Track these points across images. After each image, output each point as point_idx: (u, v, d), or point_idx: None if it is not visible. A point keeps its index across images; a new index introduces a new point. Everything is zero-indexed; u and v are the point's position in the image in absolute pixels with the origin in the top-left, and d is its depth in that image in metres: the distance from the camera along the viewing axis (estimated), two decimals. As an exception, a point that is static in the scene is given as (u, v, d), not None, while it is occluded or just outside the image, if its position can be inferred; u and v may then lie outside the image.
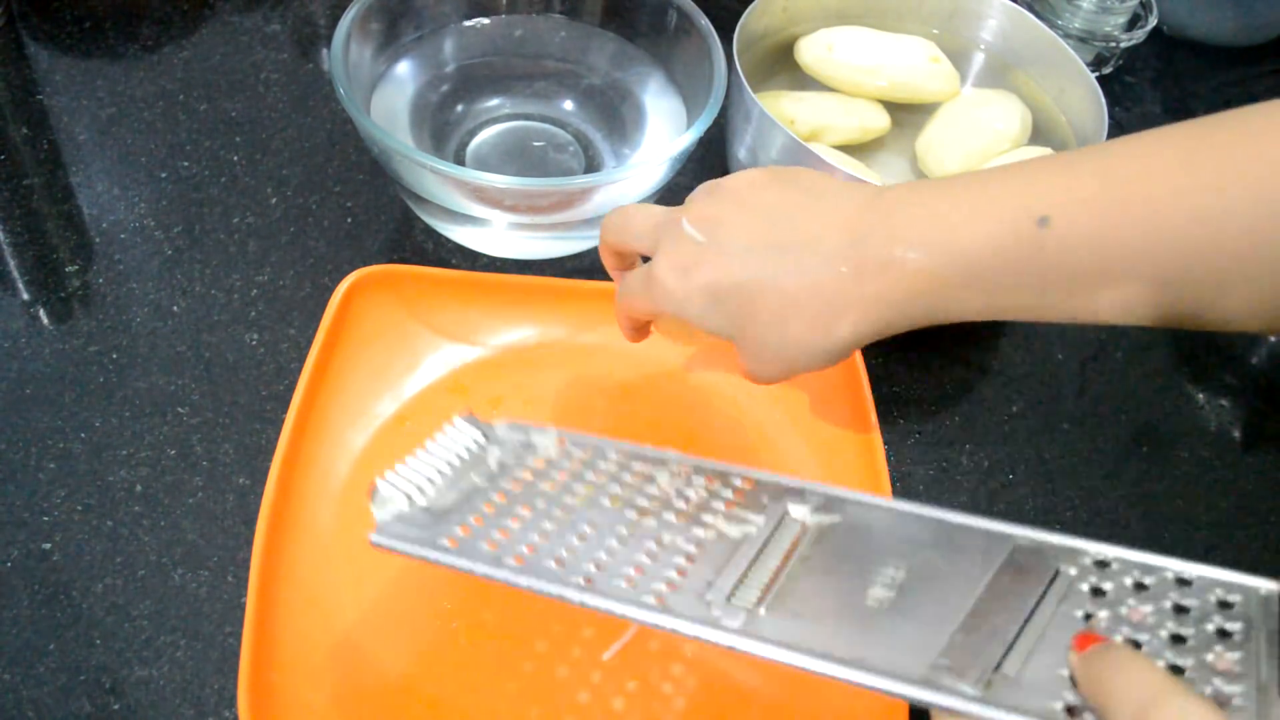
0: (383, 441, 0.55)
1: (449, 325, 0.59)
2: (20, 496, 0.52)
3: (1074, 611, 0.35)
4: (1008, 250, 0.40)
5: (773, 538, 0.40)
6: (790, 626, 0.36)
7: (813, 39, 0.68)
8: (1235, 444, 0.62)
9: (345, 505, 0.52)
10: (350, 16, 0.60)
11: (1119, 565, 0.36)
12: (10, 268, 0.62)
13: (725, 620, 0.36)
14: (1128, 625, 0.34)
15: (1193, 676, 0.32)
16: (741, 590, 0.38)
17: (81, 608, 0.49)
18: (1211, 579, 0.35)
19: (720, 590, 0.38)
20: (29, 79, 0.71)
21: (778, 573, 0.38)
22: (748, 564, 0.39)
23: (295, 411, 0.52)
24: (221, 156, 0.68)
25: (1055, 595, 0.35)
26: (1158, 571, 0.35)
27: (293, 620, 0.48)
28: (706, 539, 0.40)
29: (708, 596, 0.37)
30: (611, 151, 0.67)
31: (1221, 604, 0.34)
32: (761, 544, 0.40)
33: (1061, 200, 0.39)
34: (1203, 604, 0.34)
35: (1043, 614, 0.35)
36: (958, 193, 0.42)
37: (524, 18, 0.69)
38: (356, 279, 0.57)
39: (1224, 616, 0.34)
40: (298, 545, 0.50)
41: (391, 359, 0.57)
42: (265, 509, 0.49)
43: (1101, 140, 0.61)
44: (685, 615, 0.37)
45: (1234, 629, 0.33)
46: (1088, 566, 0.36)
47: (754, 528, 0.40)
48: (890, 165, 0.69)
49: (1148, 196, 0.38)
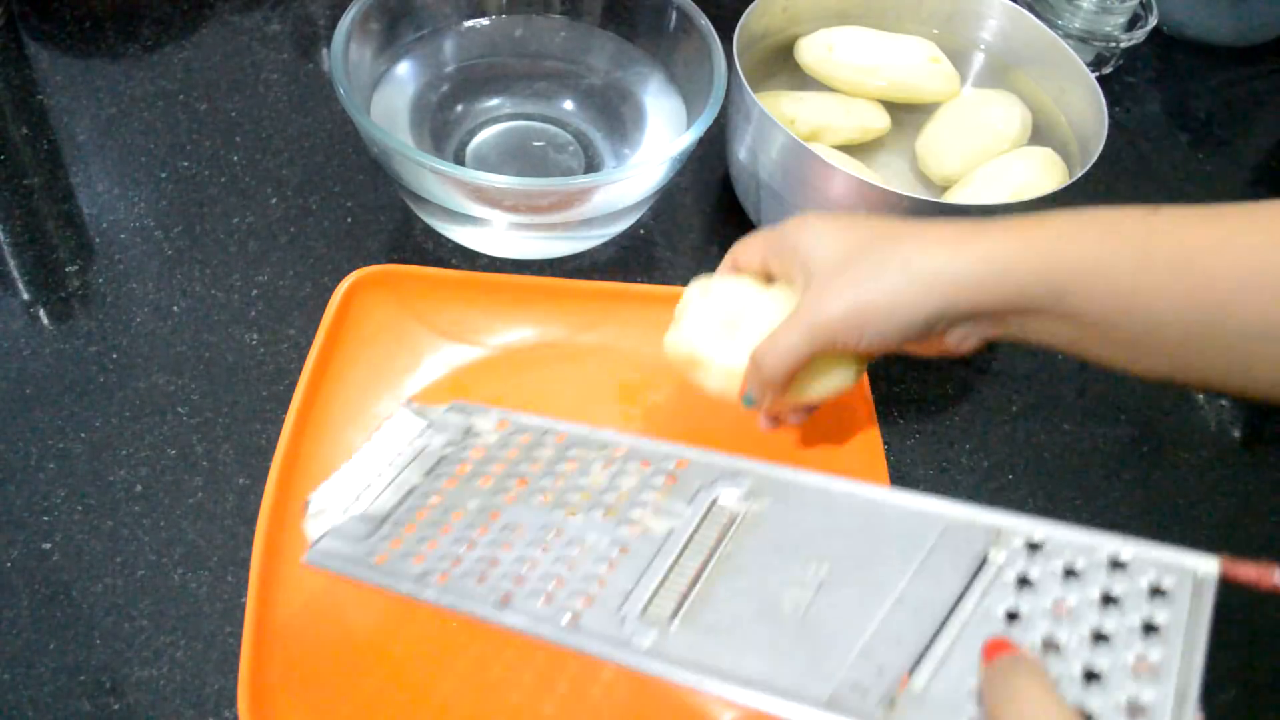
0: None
1: (449, 325, 0.59)
2: (20, 496, 0.52)
3: (996, 608, 0.34)
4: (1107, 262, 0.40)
5: (697, 532, 0.40)
6: (702, 642, 0.36)
7: (813, 39, 0.68)
8: (1235, 444, 0.62)
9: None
10: (350, 16, 0.60)
11: (1051, 547, 0.35)
12: (10, 268, 0.62)
13: (636, 639, 0.36)
14: (1049, 620, 0.33)
15: (1111, 682, 0.31)
16: (658, 600, 0.38)
17: (81, 608, 0.49)
18: (1147, 558, 0.33)
19: (636, 601, 0.38)
20: (29, 79, 0.71)
21: (697, 574, 0.38)
22: (668, 567, 0.39)
23: (295, 411, 0.53)
24: (221, 156, 0.68)
25: (978, 589, 0.34)
26: (1090, 552, 0.34)
27: (293, 620, 0.48)
28: (631, 538, 0.40)
29: (623, 610, 0.37)
30: (611, 151, 0.67)
31: (1154, 590, 0.33)
32: (685, 540, 0.39)
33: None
34: (1133, 591, 0.33)
35: (963, 611, 0.34)
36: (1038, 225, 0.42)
37: (524, 18, 0.69)
38: (356, 279, 0.57)
39: (1154, 605, 0.32)
40: (298, 545, 0.50)
41: (391, 359, 0.57)
42: (265, 509, 0.49)
43: (1101, 140, 0.61)
44: (596, 634, 0.37)
45: (1163, 621, 0.32)
46: (1018, 550, 0.35)
47: (680, 520, 0.40)
48: (890, 165, 0.69)
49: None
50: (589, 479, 0.43)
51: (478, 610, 0.39)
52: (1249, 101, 0.84)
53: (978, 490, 0.58)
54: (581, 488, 0.43)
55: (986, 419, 0.61)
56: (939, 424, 0.61)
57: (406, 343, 0.58)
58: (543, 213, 0.59)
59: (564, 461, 0.44)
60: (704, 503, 0.41)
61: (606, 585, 0.38)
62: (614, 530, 0.40)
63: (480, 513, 0.43)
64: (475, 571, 0.40)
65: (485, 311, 0.59)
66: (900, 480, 0.57)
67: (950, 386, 0.62)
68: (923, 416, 0.61)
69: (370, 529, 0.43)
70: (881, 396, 0.59)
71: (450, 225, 0.62)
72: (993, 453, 0.60)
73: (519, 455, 0.45)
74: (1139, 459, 0.60)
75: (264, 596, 0.47)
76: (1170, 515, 0.58)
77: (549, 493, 0.43)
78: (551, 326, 0.60)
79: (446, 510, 0.43)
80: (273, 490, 0.50)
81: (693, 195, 0.70)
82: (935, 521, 0.37)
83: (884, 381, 0.61)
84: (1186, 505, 0.58)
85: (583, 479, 0.43)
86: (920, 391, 0.62)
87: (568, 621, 0.37)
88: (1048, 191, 0.59)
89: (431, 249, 0.65)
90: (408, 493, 0.44)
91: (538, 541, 0.41)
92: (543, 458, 0.44)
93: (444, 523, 0.43)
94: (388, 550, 0.42)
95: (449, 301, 0.59)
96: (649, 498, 0.41)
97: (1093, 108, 0.64)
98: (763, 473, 0.41)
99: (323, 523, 0.43)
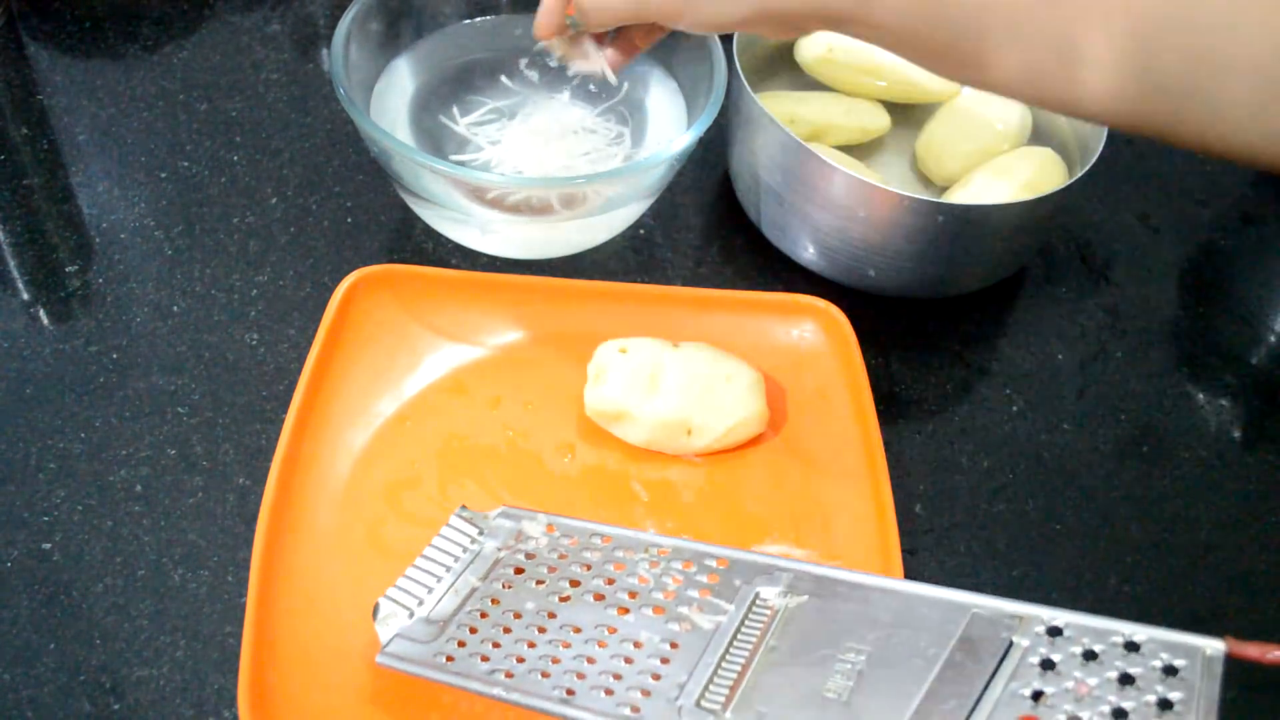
0: (383, 441, 0.55)
1: (449, 325, 0.59)
2: (20, 496, 0.52)
3: (1022, 690, 0.37)
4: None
5: (742, 626, 0.43)
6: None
7: (813, 39, 0.68)
8: (1235, 444, 0.62)
9: (345, 505, 0.52)
10: (350, 16, 0.60)
11: (1070, 632, 0.38)
12: (10, 268, 0.62)
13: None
14: (1072, 701, 0.36)
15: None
16: (711, 691, 0.41)
17: (81, 608, 0.49)
18: (1159, 641, 0.37)
19: (690, 694, 0.41)
20: (29, 79, 0.71)
21: (745, 667, 0.41)
22: (717, 660, 0.42)
23: (295, 411, 0.53)
24: (221, 156, 0.68)
25: (1006, 672, 0.37)
26: (1106, 636, 0.37)
27: (293, 620, 0.48)
28: (681, 633, 0.43)
29: (679, 701, 0.41)
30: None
31: (1167, 669, 0.36)
32: (732, 634, 0.43)
33: None
34: (1148, 672, 0.36)
35: (992, 695, 0.37)
36: None
37: (524, 17, 0.69)
38: (356, 279, 0.57)
39: (1168, 686, 0.35)
40: (298, 545, 0.50)
41: (392, 359, 0.57)
42: (265, 509, 0.49)
43: (1101, 139, 0.61)
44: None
45: (1176, 698, 0.35)
46: (1040, 635, 0.38)
47: (725, 616, 0.43)
48: (890, 165, 0.69)
49: None
50: (636, 579, 0.46)
51: (546, 706, 0.42)
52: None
53: (978, 490, 0.58)
54: (630, 587, 0.46)
55: (986, 419, 0.61)
56: (939, 424, 0.61)
57: (406, 343, 0.58)
58: (543, 213, 0.59)
59: (611, 563, 0.47)
60: (746, 598, 0.44)
61: (662, 678, 0.42)
62: (664, 626, 0.44)
63: (538, 614, 0.46)
64: (539, 668, 0.43)
65: (485, 311, 0.59)
66: (900, 480, 0.57)
67: (950, 386, 0.62)
68: (923, 416, 0.61)
69: (436, 631, 0.46)
70: (881, 396, 0.59)
71: (450, 225, 0.62)
72: (993, 453, 0.60)
73: (569, 558, 0.48)
74: (1139, 459, 0.60)
75: (264, 596, 0.47)
76: (1170, 515, 0.58)
77: (600, 593, 0.46)
78: (551, 327, 0.60)
79: (506, 611, 0.46)
80: (273, 490, 0.50)
81: (693, 195, 0.70)
82: (963, 610, 0.40)
83: (884, 381, 0.61)
84: (1186, 505, 0.58)
85: (630, 579, 0.46)
86: (920, 391, 0.62)
87: (629, 713, 0.41)
88: (1048, 191, 0.59)
89: (431, 249, 0.65)
90: (468, 595, 0.48)
91: (594, 639, 0.44)
92: (592, 560, 0.47)
93: (505, 623, 0.46)
94: (454, 651, 0.45)
95: (449, 301, 0.59)
96: (695, 595, 0.45)
97: (1093, 108, 0.64)
98: (800, 570, 0.44)
99: (391, 626, 0.47)
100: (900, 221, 0.59)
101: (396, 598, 0.47)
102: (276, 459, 0.51)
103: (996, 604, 0.40)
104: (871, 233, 0.60)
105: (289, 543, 0.50)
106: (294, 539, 0.50)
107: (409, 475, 0.54)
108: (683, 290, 0.61)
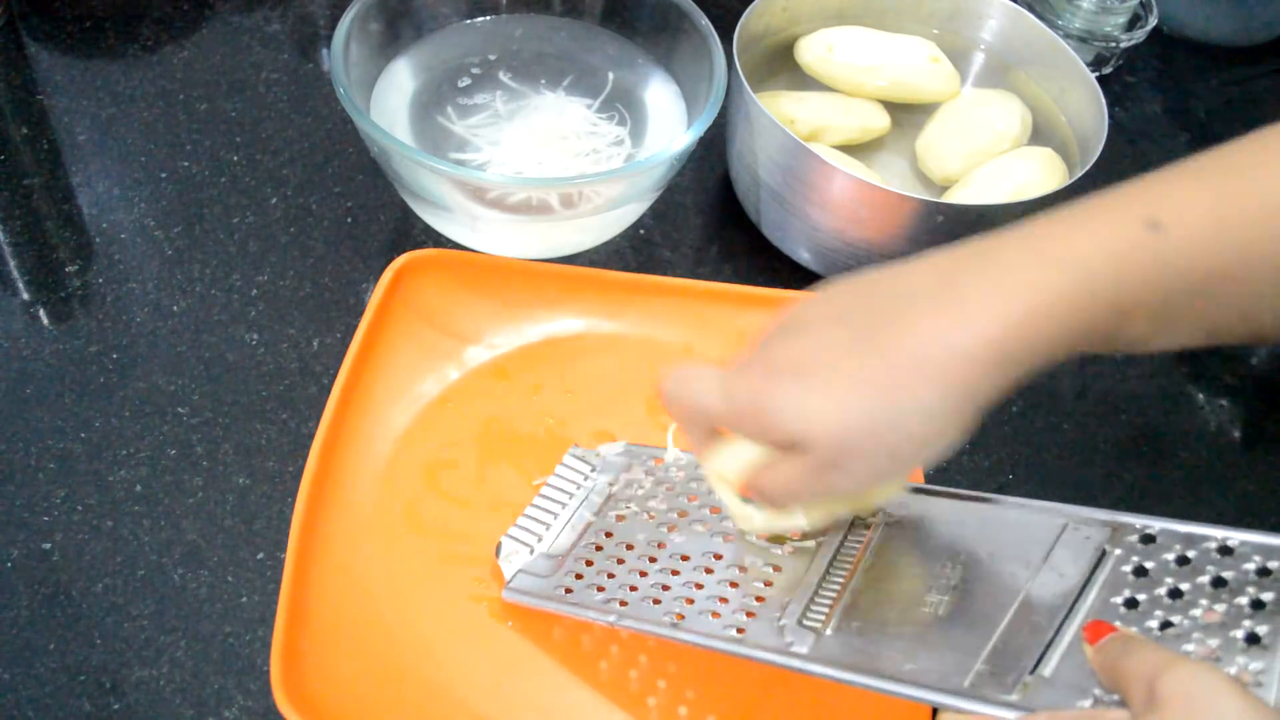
0: (425, 421, 0.56)
1: (493, 311, 0.59)
2: (20, 496, 0.52)
3: (1115, 599, 0.37)
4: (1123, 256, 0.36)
5: (842, 548, 0.44)
6: (852, 644, 0.40)
7: (813, 39, 0.68)
8: (1235, 444, 0.62)
9: (384, 482, 0.53)
10: (350, 16, 0.60)
11: (1164, 538, 0.38)
12: (10, 268, 0.62)
13: (796, 646, 0.41)
14: (1161, 609, 0.36)
15: (1220, 656, 0.34)
16: (812, 610, 0.42)
17: (81, 608, 0.49)
18: (1254, 544, 0.36)
19: (793, 614, 0.42)
20: (29, 79, 0.71)
21: (844, 586, 0.42)
22: (818, 580, 0.43)
23: (339, 389, 0.53)
24: (221, 156, 0.68)
25: (1099, 581, 0.38)
26: (1200, 542, 0.37)
27: (326, 592, 0.48)
28: (784, 556, 0.45)
29: (782, 621, 0.42)
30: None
31: (1261, 571, 0.36)
32: (832, 555, 0.44)
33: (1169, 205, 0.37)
34: (1240, 574, 0.36)
35: (1085, 601, 0.37)
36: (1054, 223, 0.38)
37: (524, 17, 0.69)
38: (405, 261, 0.58)
39: (1260, 587, 0.35)
40: (335, 518, 0.51)
41: (436, 341, 0.58)
42: (306, 482, 0.50)
43: (1101, 139, 0.61)
44: (760, 644, 0.41)
45: (1269, 598, 0.35)
46: (1133, 544, 0.38)
47: (825, 537, 0.44)
48: (890, 165, 0.69)
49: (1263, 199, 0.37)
50: None
51: (658, 630, 0.44)
52: (1249, 101, 0.84)
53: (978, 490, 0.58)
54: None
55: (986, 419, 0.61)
56: (939, 424, 0.60)
57: (452, 326, 0.59)
58: (542, 213, 0.59)
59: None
60: (845, 520, 0.45)
61: (765, 600, 0.43)
62: (767, 551, 0.45)
63: (649, 544, 0.48)
64: (651, 595, 0.46)
65: (530, 299, 0.60)
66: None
67: (950, 386, 0.62)
68: (923, 416, 0.61)
69: (555, 566, 0.49)
70: (881, 396, 0.59)
71: (450, 225, 0.62)
72: (993, 453, 0.60)
73: (676, 489, 0.50)
74: (1139, 459, 0.60)
75: (300, 567, 0.48)
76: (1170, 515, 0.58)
77: (707, 522, 0.48)
78: (595, 317, 0.60)
79: (619, 543, 0.49)
80: (314, 464, 0.50)
81: (693, 195, 0.70)
82: (1056, 521, 0.40)
83: (884, 381, 0.61)
84: (1187, 505, 0.58)
85: None
86: (920, 391, 0.62)
87: (735, 635, 0.42)
88: (1048, 191, 0.59)
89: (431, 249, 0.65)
90: (584, 529, 0.50)
91: (701, 565, 0.46)
92: (699, 491, 0.49)
93: (618, 555, 0.48)
94: (573, 583, 0.48)
95: (495, 287, 0.59)
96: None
97: (1093, 108, 0.64)
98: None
99: (514, 563, 0.50)
100: (900, 221, 0.59)
101: (518, 535, 0.50)
102: (319, 434, 0.51)
103: (1089, 513, 0.40)
104: (871, 233, 0.60)
105: (327, 516, 0.50)
106: (332, 512, 0.51)
107: (449, 456, 0.55)
108: (737, 288, 0.61)
